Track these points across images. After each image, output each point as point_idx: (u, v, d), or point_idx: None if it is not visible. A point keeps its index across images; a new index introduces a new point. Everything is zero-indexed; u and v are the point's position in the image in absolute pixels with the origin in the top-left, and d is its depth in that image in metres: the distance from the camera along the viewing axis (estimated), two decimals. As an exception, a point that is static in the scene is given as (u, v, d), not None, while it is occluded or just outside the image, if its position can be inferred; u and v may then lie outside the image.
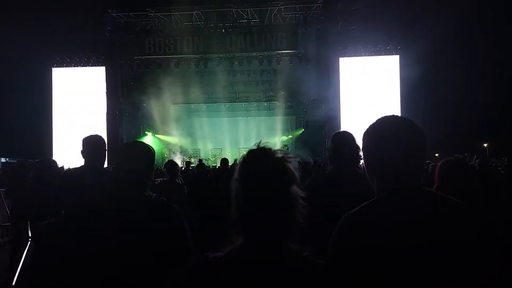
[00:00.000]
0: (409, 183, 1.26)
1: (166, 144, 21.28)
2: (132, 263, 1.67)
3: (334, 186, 2.44)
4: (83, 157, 2.84)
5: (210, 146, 21.50)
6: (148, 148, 2.02)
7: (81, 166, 2.81)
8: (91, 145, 2.85)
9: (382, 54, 17.16)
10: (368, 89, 16.75)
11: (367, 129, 1.37)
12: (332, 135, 2.76)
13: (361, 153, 1.41)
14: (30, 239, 3.73)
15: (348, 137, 2.61)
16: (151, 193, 1.99)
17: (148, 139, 19.70)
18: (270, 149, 1.24)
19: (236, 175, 1.25)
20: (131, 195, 1.87)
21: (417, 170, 1.28)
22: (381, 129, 1.33)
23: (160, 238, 1.72)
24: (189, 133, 21.80)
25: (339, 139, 2.65)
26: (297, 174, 1.21)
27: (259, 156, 1.23)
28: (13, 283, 3.83)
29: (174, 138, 21.46)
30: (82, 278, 1.70)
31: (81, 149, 2.87)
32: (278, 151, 1.24)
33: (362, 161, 1.94)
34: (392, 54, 17.09)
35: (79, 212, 2.03)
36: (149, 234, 1.71)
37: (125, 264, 1.67)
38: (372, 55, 17.17)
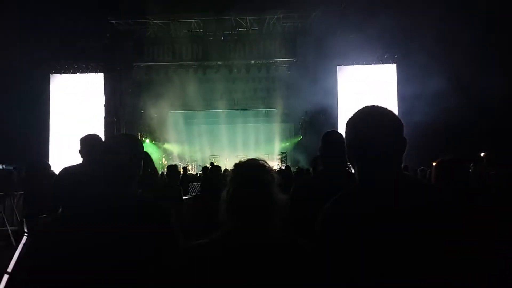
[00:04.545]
0: (386, 170, 1.30)
1: (164, 150, 21.29)
2: (119, 262, 1.59)
3: (322, 186, 2.42)
4: (81, 156, 2.85)
5: (208, 153, 21.50)
6: (133, 140, 1.87)
7: (78, 164, 2.82)
8: (88, 144, 2.86)
9: (379, 63, 17.28)
10: (366, 97, 16.82)
11: (347, 120, 1.44)
12: (322, 134, 2.73)
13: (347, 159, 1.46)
14: (26, 235, 3.73)
15: (338, 137, 2.61)
16: (139, 191, 1.86)
17: (146, 146, 19.71)
18: (255, 159, 1.55)
19: (229, 175, 1.51)
20: (113, 192, 1.74)
21: (394, 159, 1.31)
22: (357, 117, 1.40)
23: (147, 238, 1.63)
24: (187, 140, 21.80)
25: (329, 139, 2.64)
26: (276, 177, 1.50)
27: (248, 162, 1.52)
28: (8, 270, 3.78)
29: (172, 145, 21.47)
30: (73, 276, 1.65)
31: (79, 148, 2.89)
32: (261, 160, 1.54)
33: None
34: (390, 62, 17.20)
35: (74, 211, 1.95)
36: (133, 234, 1.61)
37: (112, 263, 1.59)
38: (369, 63, 17.29)
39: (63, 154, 15.96)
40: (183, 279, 1.34)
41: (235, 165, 1.53)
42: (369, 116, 1.37)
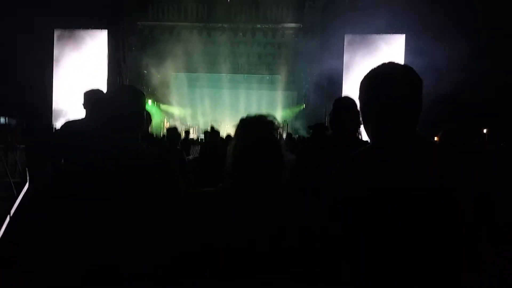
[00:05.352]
0: (402, 130, 1.27)
1: (166, 113, 21.25)
2: (124, 212, 1.60)
3: (331, 150, 2.42)
4: (84, 109, 2.86)
5: (209, 117, 21.47)
6: (136, 92, 1.80)
7: (82, 118, 2.83)
8: (92, 97, 2.86)
9: (388, 32, 16.89)
10: (371, 67, 16.56)
11: (364, 77, 1.37)
12: (333, 100, 2.71)
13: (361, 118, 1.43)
14: (28, 183, 3.82)
15: (349, 102, 2.58)
16: (144, 144, 1.86)
17: (148, 107, 19.63)
18: (264, 115, 1.54)
19: (236, 129, 1.49)
20: (117, 143, 1.71)
21: (410, 118, 1.28)
22: (373, 76, 1.33)
23: (153, 189, 1.64)
24: (189, 103, 21.72)
25: (339, 104, 2.62)
26: (282, 136, 1.52)
27: (255, 117, 1.51)
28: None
29: (174, 108, 21.41)
30: (74, 228, 1.66)
31: (82, 102, 2.89)
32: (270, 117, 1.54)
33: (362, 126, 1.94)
34: (398, 32, 16.82)
35: (78, 161, 1.94)
36: (141, 185, 1.62)
37: (117, 212, 1.60)
38: (377, 33, 16.90)
39: (66, 109, 15.96)
40: (190, 223, 1.36)
41: (243, 119, 1.50)
42: (385, 73, 1.31)
